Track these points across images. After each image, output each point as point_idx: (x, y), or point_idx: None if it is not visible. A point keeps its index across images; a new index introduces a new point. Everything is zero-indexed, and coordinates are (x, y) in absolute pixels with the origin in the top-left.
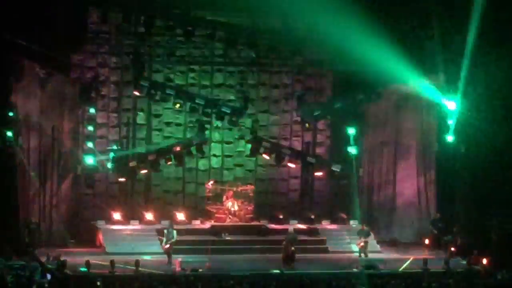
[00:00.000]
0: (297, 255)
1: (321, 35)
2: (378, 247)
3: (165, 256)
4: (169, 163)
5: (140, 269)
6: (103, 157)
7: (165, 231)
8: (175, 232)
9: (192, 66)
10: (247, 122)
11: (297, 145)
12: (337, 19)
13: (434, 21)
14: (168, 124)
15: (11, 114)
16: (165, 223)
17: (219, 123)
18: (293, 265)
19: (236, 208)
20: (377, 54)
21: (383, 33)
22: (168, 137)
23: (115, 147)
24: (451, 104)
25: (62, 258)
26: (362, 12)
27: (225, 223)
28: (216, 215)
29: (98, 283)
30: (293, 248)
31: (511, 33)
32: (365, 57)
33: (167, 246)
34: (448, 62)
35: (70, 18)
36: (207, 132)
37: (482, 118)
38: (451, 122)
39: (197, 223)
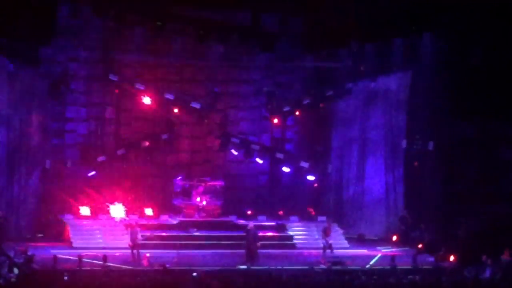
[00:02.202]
0: (266, 251)
1: (291, 30)
2: (346, 243)
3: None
4: (137, 158)
5: (108, 264)
6: None
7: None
8: (138, 230)
9: (161, 61)
10: (217, 117)
11: (266, 141)
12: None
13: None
14: (137, 118)
15: None
16: (133, 217)
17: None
18: (257, 261)
19: (204, 203)
20: (347, 50)
21: (354, 29)
22: (137, 132)
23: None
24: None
25: (29, 253)
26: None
27: (193, 219)
28: (185, 210)
29: (66, 278)
30: (258, 244)
31: None
32: (336, 52)
33: (132, 243)
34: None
35: (40, 11)
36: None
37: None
38: None
39: (165, 219)
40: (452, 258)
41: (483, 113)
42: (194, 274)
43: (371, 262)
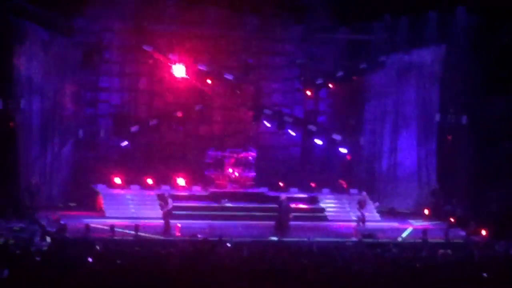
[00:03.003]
0: (297, 223)
1: (325, 2)
2: (377, 216)
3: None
4: (170, 128)
5: (139, 233)
6: None
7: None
8: (170, 200)
9: (195, 32)
10: (250, 89)
11: (299, 113)
12: None
13: None
14: (170, 89)
15: (13, 76)
16: (165, 188)
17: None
18: (288, 232)
19: (236, 175)
20: (381, 23)
21: (388, 1)
22: (170, 103)
23: None
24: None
25: (62, 222)
26: None
27: (225, 190)
28: (217, 181)
29: (98, 247)
30: (290, 216)
31: None
32: (369, 25)
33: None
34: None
35: None
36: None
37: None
38: None
39: (197, 189)
40: (483, 232)
41: None
42: (228, 244)
43: (403, 235)
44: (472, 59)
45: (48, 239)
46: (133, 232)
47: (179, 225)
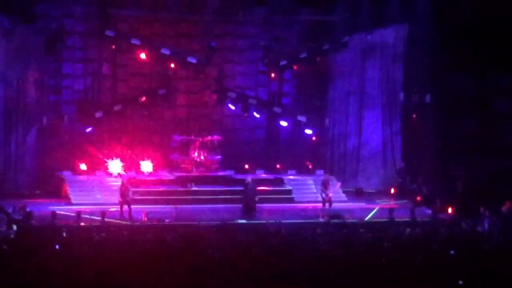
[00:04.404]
0: (264, 205)
1: None
2: (343, 196)
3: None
4: (134, 113)
5: (106, 219)
6: None
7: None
8: (129, 186)
9: (157, 16)
10: (213, 72)
11: (263, 95)
12: None
13: None
14: (133, 74)
15: None
16: (131, 173)
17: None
18: (254, 214)
19: (202, 158)
20: (343, 2)
21: None
22: (134, 88)
23: None
24: None
25: (27, 209)
26: None
27: (191, 174)
28: (182, 165)
29: (64, 234)
30: (256, 198)
31: None
32: (331, 5)
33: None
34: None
35: None
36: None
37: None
38: None
39: (163, 174)
40: (450, 210)
41: (480, 65)
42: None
43: (369, 215)
44: (434, 37)
45: (15, 227)
46: (99, 218)
47: (146, 210)
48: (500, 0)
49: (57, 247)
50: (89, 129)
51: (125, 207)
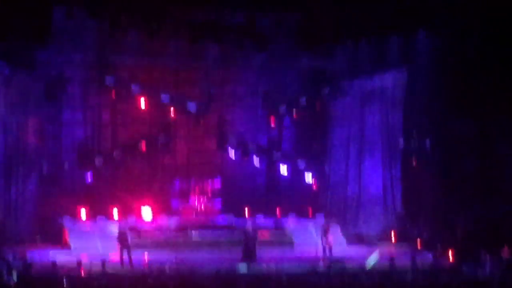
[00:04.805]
0: (264, 250)
1: (285, 29)
2: (344, 241)
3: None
4: (134, 160)
5: (107, 267)
6: None
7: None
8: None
9: (157, 63)
10: (213, 118)
11: (263, 140)
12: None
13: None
14: (133, 120)
15: None
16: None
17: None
18: (255, 260)
19: (202, 204)
20: (342, 49)
21: (349, 26)
22: (134, 134)
23: None
24: None
25: (28, 257)
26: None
27: (191, 220)
28: (183, 211)
29: (65, 284)
30: (256, 243)
31: None
32: (331, 51)
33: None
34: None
35: (35, 14)
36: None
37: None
38: None
39: (163, 220)
40: (450, 255)
41: (480, 109)
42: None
43: (371, 262)
44: (434, 82)
45: (15, 275)
46: (100, 266)
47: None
48: (502, 42)
49: None
50: (89, 176)
51: (125, 254)
